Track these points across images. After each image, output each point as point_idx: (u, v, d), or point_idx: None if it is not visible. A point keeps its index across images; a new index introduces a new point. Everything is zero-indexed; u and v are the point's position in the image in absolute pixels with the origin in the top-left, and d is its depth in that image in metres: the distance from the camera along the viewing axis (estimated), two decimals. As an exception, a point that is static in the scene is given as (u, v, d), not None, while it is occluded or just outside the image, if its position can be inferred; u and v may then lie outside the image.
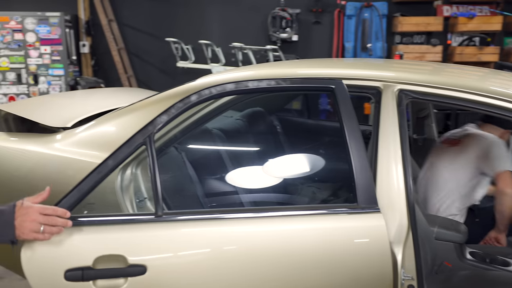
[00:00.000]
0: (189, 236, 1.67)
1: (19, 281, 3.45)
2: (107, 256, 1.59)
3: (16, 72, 5.72)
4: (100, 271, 1.58)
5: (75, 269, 1.57)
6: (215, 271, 1.65)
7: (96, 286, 1.59)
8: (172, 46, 5.63)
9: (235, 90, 2.00)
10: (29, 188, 2.54)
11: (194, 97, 1.95)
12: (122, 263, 1.59)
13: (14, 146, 2.67)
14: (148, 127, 1.86)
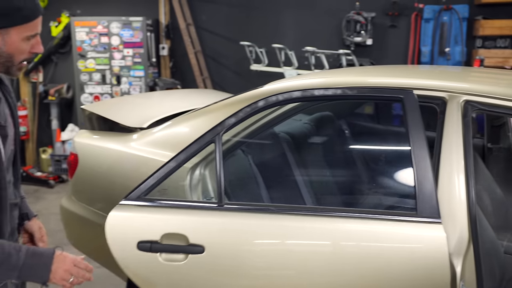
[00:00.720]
0: (246, 225, 1.84)
1: (96, 268, 3.70)
2: (172, 234, 1.85)
3: (101, 73, 6.10)
4: (165, 245, 1.86)
5: (145, 242, 1.87)
6: (266, 259, 1.82)
7: (161, 258, 1.86)
8: (247, 50, 5.76)
9: (300, 97, 2.07)
10: (108, 184, 2.75)
11: (261, 103, 2.07)
12: (184, 242, 1.84)
13: (97, 143, 2.89)
14: (217, 127, 2.04)
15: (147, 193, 1.97)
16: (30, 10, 1.52)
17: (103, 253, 2.92)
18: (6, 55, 1.55)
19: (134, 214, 1.93)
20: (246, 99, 2.15)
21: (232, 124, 2.05)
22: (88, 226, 2.90)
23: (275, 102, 2.08)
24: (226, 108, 2.21)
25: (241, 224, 1.85)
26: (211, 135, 2.01)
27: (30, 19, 1.54)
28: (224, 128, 2.03)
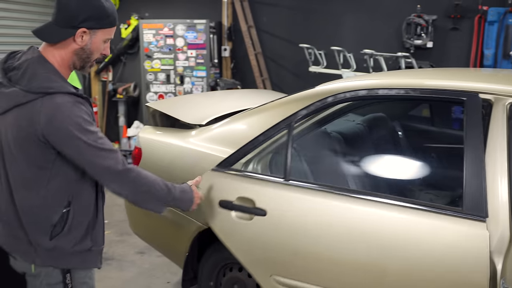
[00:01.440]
0: (303, 199, 2.18)
1: (157, 257, 3.94)
2: (244, 197, 2.29)
3: (166, 73, 6.40)
4: (237, 205, 2.31)
5: (224, 201, 2.35)
6: (314, 230, 2.11)
7: (234, 215, 2.32)
8: (306, 52, 5.86)
9: (366, 96, 2.21)
10: (168, 177, 2.92)
11: (330, 99, 2.29)
12: (251, 205, 2.26)
13: (159, 139, 3.09)
14: (291, 117, 2.34)
15: (233, 163, 2.41)
16: (114, 18, 1.80)
17: (163, 242, 3.13)
18: (89, 52, 1.78)
19: (220, 179, 2.39)
20: (315, 95, 2.36)
21: (304, 116, 2.33)
22: (150, 216, 3.11)
23: (343, 99, 2.28)
24: (288, 105, 2.46)
25: (299, 198, 2.17)
26: (285, 123, 2.33)
27: (112, 25, 1.80)
28: (296, 117, 2.33)
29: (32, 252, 1.78)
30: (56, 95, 1.66)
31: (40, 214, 1.75)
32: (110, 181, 1.80)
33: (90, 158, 1.71)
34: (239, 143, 2.64)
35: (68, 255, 1.80)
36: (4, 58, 1.80)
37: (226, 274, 2.77)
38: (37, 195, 1.73)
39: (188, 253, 2.85)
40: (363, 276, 1.99)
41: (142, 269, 3.82)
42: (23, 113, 1.66)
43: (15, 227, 1.78)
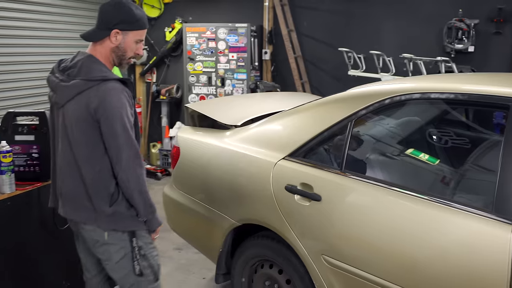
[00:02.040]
0: (355, 189, 2.33)
1: (194, 254, 4.07)
2: (305, 183, 2.48)
3: (207, 75, 6.55)
4: (299, 190, 2.49)
5: (289, 185, 2.53)
6: (361, 219, 2.26)
7: (296, 198, 2.49)
8: (345, 55, 5.88)
9: (419, 99, 2.34)
10: (205, 175, 3.05)
11: (387, 101, 2.38)
12: (310, 190, 2.44)
13: (196, 138, 3.22)
14: (351, 116, 2.47)
15: (301, 153, 2.59)
16: (143, 22, 2.20)
17: (199, 238, 3.26)
18: (123, 50, 2.18)
19: (289, 166, 2.58)
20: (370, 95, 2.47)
21: (362, 115, 2.46)
22: (186, 213, 3.25)
23: (398, 101, 2.38)
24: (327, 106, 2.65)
25: (351, 187, 2.33)
26: (348, 120, 2.47)
27: (142, 28, 2.20)
28: (357, 117, 2.46)
29: (98, 218, 2.15)
30: (108, 82, 2.08)
31: (100, 185, 2.13)
32: (122, 168, 2.10)
33: (118, 142, 2.07)
34: (273, 143, 2.73)
35: (125, 218, 2.17)
36: (57, 63, 2.23)
37: (257, 271, 2.86)
38: (95, 169, 2.11)
39: (221, 249, 2.96)
40: (398, 263, 2.12)
41: (179, 264, 3.96)
42: (82, 99, 2.06)
43: (84, 199, 2.15)
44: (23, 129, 2.57)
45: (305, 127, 2.64)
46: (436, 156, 2.69)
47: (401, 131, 2.99)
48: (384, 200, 2.20)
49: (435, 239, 2.01)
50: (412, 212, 2.11)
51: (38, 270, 2.62)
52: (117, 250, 2.19)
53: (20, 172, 2.56)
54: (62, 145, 2.17)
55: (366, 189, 2.28)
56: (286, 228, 2.52)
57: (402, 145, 2.86)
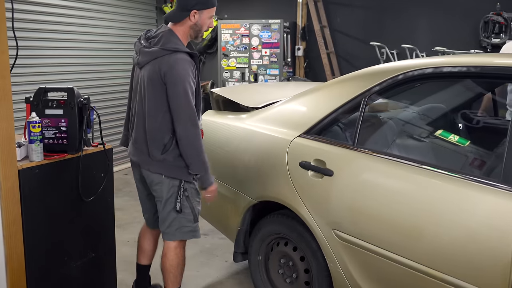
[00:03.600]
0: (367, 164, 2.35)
1: (219, 239, 4.15)
2: (318, 159, 2.52)
3: (241, 71, 6.66)
4: (312, 166, 2.54)
5: (304, 162, 2.57)
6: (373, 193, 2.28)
7: (309, 174, 2.54)
8: (377, 51, 5.86)
9: (432, 73, 2.32)
10: (226, 154, 3.13)
11: (400, 77, 2.39)
12: (323, 165, 2.48)
13: (217, 120, 3.30)
14: (365, 92, 2.48)
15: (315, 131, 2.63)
16: (214, 0, 2.67)
17: (218, 217, 3.33)
18: (200, 26, 2.65)
19: (303, 143, 2.63)
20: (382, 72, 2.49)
21: (376, 91, 2.47)
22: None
23: (411, 77, 2.37)
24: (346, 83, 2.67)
25: (362, 162, 2.36)
26: (361, 97, 2.48)
27: (213, 5, 2.67)
28: (371, 93, 2.47)
29: (150, 162, 2.63)
30: (179, 53, 2.52)
31: (156, 135, 2.59)
32: (180, 124, 2.52)
33: (177, 102, 2.50)
34: (290, 122, 2.78)
35: (171, 167, 2.61)
36: (144, 32, 2.76)
37: (273, 249, 2.90)
38: (157, 121, 2.57)
39: (240, 227, 3.02)
40: (406, 236, 2.13)
41: (204, 248, 4.04)
42: (157, 63, 2.53)
43: (143, 145, 2.64)
44: (52, 104, 2.72)
45: (320, 105, 2.68)
46: (450, 131, 2.70)
47: (415, 108, 3.00)
48: (395, 174, 2.22)
49: (443, 210, 2.01)
50: (423, 185, 2.12)
51: (64, 239, 2.75)
52: (168, 189, 2.63)
53: (49, 144, 2.70)
54: (138, 99, 2.67)
55: (378, 164, 2.29)
56: (299, 204, 2.56)
57: (416, 121, 2.87)
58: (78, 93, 2.75)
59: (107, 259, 3.12)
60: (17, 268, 2.49)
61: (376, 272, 2.26)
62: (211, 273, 3.59)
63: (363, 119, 2.45)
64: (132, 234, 4.28)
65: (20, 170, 2.45)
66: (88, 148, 2.86)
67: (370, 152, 2.36)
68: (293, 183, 2.60)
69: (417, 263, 2.07)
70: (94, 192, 2.87)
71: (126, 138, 2.95)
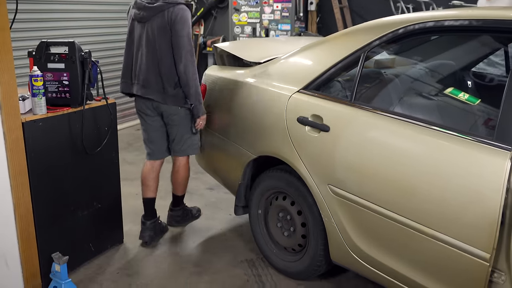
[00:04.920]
0: (363, 120, 2.34)
1: (224, 194, 4.23)
2: (315, 115, 2.51)
3: (252, 26, 6.58)
4: (309, 121, 2.54)
5: (301, 117, 2.57)
6: (367, 149, 2.28)
7: (306, 129, 2.54)
8: (392, 5, 5.72)
9: (433, 27, 2.26)
10: (227, 109, 3.14)
11: (401, 30, 2.34)
12: (320, 121, 2.48)
13: (219, 75, 3.31)
14: (365, 47, 2.45)
15: (314, 86, 2.62)
16: None
17: (221, 172, 3.39)
18: None
19: (301, 98, 2.62)
20: (383, 25, 2.46)
21: (376, 45, 2.44)
22: (210, 148, 3.38)
23: (412, 30, 2.32)
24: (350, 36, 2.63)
25: (358, 117, 2.35)
26: (361, 52, 2.45)
27: None
28: (370, 48, 2.44)
29: (165, 97, 3.11)
30: (180, 5, 3.02)
31: (169, 74, 3.07)
32: (182, 62, 3.00)
33: (180, 43, 3.00)
34: (289, 77, 2.78)
35: (183, 98, 3.11)
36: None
37: (272, 203, 2.96)
38: (168, 62, 3.05)
39: (240, 182, 3.08)
40: (398, 192, 2.15)
41: (209, 202, 4.13)
42: (163, 14, 3.01)
43: (159, 85, 3.10)
44: (54, 58, 2.75)
45: (320, 60, 2.66)
46: (446, 86, 2.67)
47: (423, 64, 2.96)
48: (394, 132, 2.21)
49: (436, 166, 2.02)
50: (417, 141, 2.12)
51: (69, 190, 2.85)
52: (184, 117, 3.20)
53: (52, 98, 2.75)
54: (146, 49, 3.08)
55: (376, 121, 2.29)
56: (296, 159, 2.59)
57: (423, 78, 2.83)
58: (79, 47, 2.77)
59: (113, 210, 3.22)
60: (25, 215, 2.59)
61: (370, 228, 2.31)
62: (215, 225, 3.68)
63: (362, 74, 2.44)
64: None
65: (24, 123, 2.52)
66: (91, 102, 2.91)
67: (368, 108, 2.35)
68: (291, 139, 2.62)
69: (412, 220, 2.09)
70: (98, 146, 2.94)
71: (125, 85, 3.29)
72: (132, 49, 3.18)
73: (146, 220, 3.39)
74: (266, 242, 3.02)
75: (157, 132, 3.32)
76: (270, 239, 3.01)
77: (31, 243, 2.64)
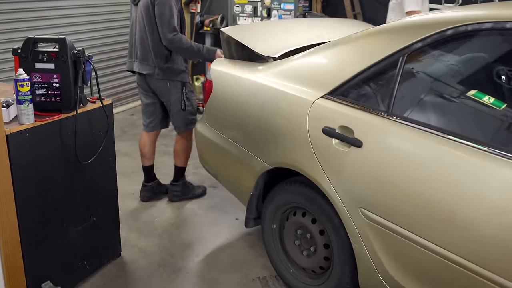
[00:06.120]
0: (402, 135, 2.02)
1: (229, 192, 3.93)
2: (344, 126, 2.19)
3: (253, 5, 6.16)
4: (338, 134, 2.22)
5: (327, 128, 2.25)
6: (408, 170, 1.97)
7: (334, 142, 2.23)
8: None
9: (490, 29, 1.92)
10: (238, 113, 2.81)
11: (450, 31, 2.00)
12: (350, 134, 2.16)
13: (229, 71, 2.95)
14: (404, 49, 2.10)
15: (341, 92, 2.29)
16: None
17: (230, 179, 3.07)
18: None
19: (327, 106, 2.30)
20: (426, 25, 2.11)
21: (418, 48, 2.09)
22: (218, 152, 3.05)
23: (463, 32, 1.99)
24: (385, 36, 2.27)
25: (398, 133, 2.03)
26: (398, 55, 2.11)
27: None
28: (410, 51, 2.09)
29: (158, 71, 3.36)
30: None
31: (158, 49, 3.34)
32: (163, 34, 3.26)
33: (162, 22, 3.25)
34: (312, 80, 2.44)
35: (175, 72, 3.40)
36: None
37: (289, 218, 2.67)
38: (155, 40, 3.32)
39: (253, 192, 2.77)
40: (448, 225, 1.85)
41: (213, 203, 3.83)
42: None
43: (150, 60, 3.38)
44: (43, 57, 2.39)
45: (349, 61, 2.32)
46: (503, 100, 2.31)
47: (465, 69, 2.60)
48: (436, 149, 1.90)
49: (494, 197, 1.72)
50: (469, 166, 1.81)
51: (61, 204, 2.53)
52: (174, 93, 3.44)
53: (41, 102, 2.41)
54: (138, 29, 3.40)
55: (416, 136, 1.97)
56: (321, 175, 2.28)
57: (464, 86, 2.47)
58: (71, 45, 2.41)
59: (109, 223, 2.92)
60: (11, 240, 2.28)
61: (407, 259, 2.01)
62: (221, 232, 3.39)
63: (401, 81, 2.10)
64: (138, 185, 4.05)
65: (9, 135, 2.18)
66: (85, 106, 2.56)
67: (410, 123, 2.01)
68: (315, 151, 2.30)
69: (456, 255, 1.81)
70: (93, 153, 2.61)
71: (129, 64, 3.56)
72: (132, 30, 3.50)
73: (146, 183, 3.81)
74: (282, 260, 2.74)
75: (150, 106, 3.59)
76: (286, 257, 2.72)
77: (17, 269, 2.33)
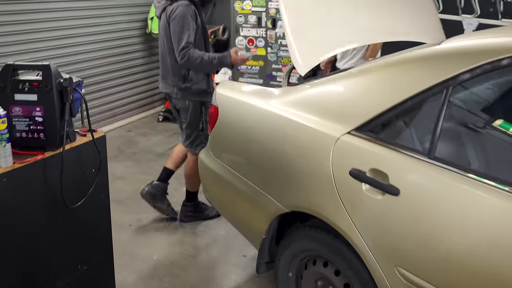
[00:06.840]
0: (447, 183, 1.70)
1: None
2: (376, 170, 1.86)
3: (257, 15, 5.86)
4: (368, 178, 1.89)
5: (356, 170, 1.92)
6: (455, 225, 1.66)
7: (364, 188, 1.90)
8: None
9: None
10: (246, 143, 2.50)
11: (505, 61, 1.68)
12: (384, 179, 1.83)
13: (238, 97, 2.63)
14: (449, 80, 1.80)
15: (372, 128, 1.96)
16: None
17: (239, 218, 2.74)
18: None
19: (356, 143, 1.97)
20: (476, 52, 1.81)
21: (465, 80, 1.77)
22: (224, 187, 2.74)
23: None
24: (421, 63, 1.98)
25: (442, 181, 1.71)
26: (442, 87, 1.80)
27: None
28: (456, 83, 1.79)
29: (176, 90, 3.37)
30: (180, 1, 3.22)
31: (176, 69, 3.31)
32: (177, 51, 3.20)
33: (174, 40, 3.21)
34: (336, 112, 2.12)
35: (193, 92, 3.35)
36: None
37: (308, 267, 2.33)
38: (173, 58, 3.28)
39: (265, 235, 2.44)
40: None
41: (218, 236, 3.49)
42: (165, 12, 3.28)
43: (168, 79, 3.40)
44: (24, 87, 2.07)
45: (381, 92, 1.99)
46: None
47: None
48: (495, 206, 1.58)
49: None
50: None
51: (47, 255, 2.20)
52: (192, 113, 3.40)
53: (22, 138, 2.09)
54: (160, 45, 3.44)
55: (465, 186, 1.65)
56: (348, 225, 1.95)
57: None
58: (56, 72, 2.09)
59: (103, 270, 2.57)
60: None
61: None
62: (228, 273, 3.06)
63: (445, 118, 1.78)
64: (135, 214, 3.73)
65: (-19, 181, 1.86)
66: (73, 141, 2.23)
67: (454, 167, 1.70)
68: (340, 197, 1.97)
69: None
70: (83, 194, 2.28)
71: (160, 83, 3.61)
72: (159, 46, 3.53)
73: (157, 180, 3.62)
74: (299, 313, 2.40)
75: (178, 122, 3.64)
76: (304, 310, 2.39)
77: None
